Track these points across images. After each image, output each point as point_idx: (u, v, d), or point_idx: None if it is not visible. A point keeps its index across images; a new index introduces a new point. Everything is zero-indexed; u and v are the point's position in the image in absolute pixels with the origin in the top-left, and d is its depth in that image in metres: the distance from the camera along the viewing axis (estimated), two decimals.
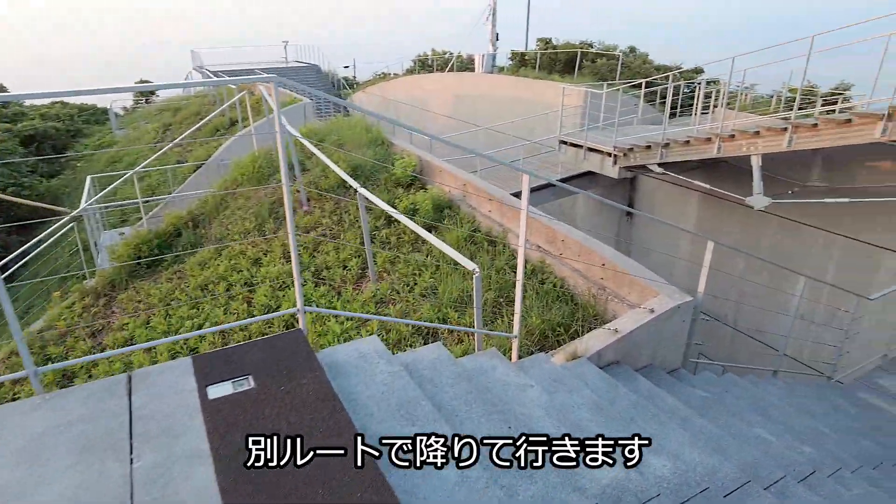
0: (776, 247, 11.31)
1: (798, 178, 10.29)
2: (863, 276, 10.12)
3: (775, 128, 8.63)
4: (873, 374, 7.43)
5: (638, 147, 10.93)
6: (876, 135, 7.54)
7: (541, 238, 6.31)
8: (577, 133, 13.17)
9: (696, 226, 12.76)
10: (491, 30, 23.68)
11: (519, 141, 15.06)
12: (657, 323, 4.63)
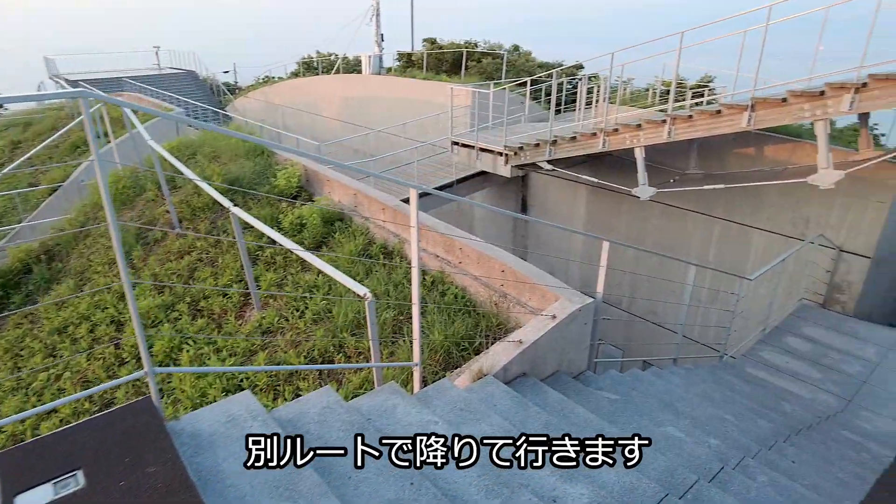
0: (662, 232, 11.86)
1: (678, 166, 10.82)
2: (739, 254, 10.84)
3: (655, 120, 8.94)
4: (756, 348, 7.88)
5: (528, 145, 10.99)
6: (743, 124, 7.99)
7: (439, 247, 6.01)
8: (469, 133, 13.09)
9: (587, 217, 13.13)
10: (375, 30, 23.18)
11: (413, 143, 14.77)
12: (560, 329, 4.46)
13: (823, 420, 5.87)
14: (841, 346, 7.94)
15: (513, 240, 15.28)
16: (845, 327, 8.59)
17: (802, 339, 8.10)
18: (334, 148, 19.42)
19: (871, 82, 6.84)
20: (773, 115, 7.73)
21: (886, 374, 7.30)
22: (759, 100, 7.76)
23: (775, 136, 9.80)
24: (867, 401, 6.78)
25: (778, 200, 10.00)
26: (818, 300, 9.73)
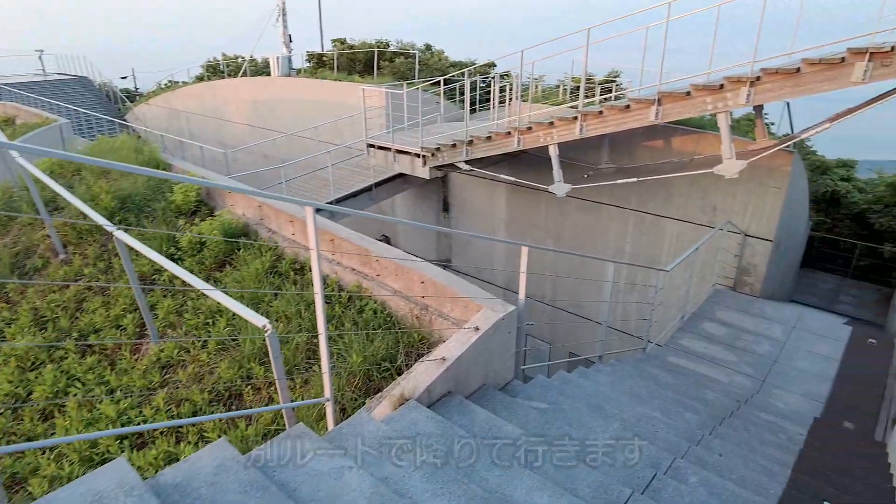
0: (580, 226, 12.03)
1: (591, 162, 10.96)
2: (653, 243, 11.16)
3: (567, 117, 8.96)
4: (676, 336, 8.06)
5: (444, 146, 10.77)
6: (651, 117, 8.13)
7: (354, 260, 5.64)
8: (385, 135, 12.72)
9: (508, 214, 13.12)
10: (283, 31, 22.23)
11: (328, 146, 14.21)
12: (484, 341, 4.24)
13: (742, 404, 6.02)
14: (752, 327, 8.28)
15: (437, 240, 15.09)
16: (754, 308, 8.99)
17: (717, 323, 8.37)
18: (243, 154, 18.45)
19: (764, 76, 7.12)
20: (679, 109, 7.92)
21: (792, 352, 7.67)
22: (665, 94, 7.91)
23: (681, 129, 10.12)
24: (778, 379, 7.07)
25: (687, 190, 10.34)
26: (729, 284, 10.16)
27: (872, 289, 13.75)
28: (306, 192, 13.12)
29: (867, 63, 6.39)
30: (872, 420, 6.54)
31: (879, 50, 6.29)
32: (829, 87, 6.72)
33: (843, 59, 6.54)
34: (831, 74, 6.67)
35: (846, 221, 14.27)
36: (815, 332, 8.21)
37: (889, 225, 13.05)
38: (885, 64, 6.33)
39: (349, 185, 13.03)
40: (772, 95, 7.17)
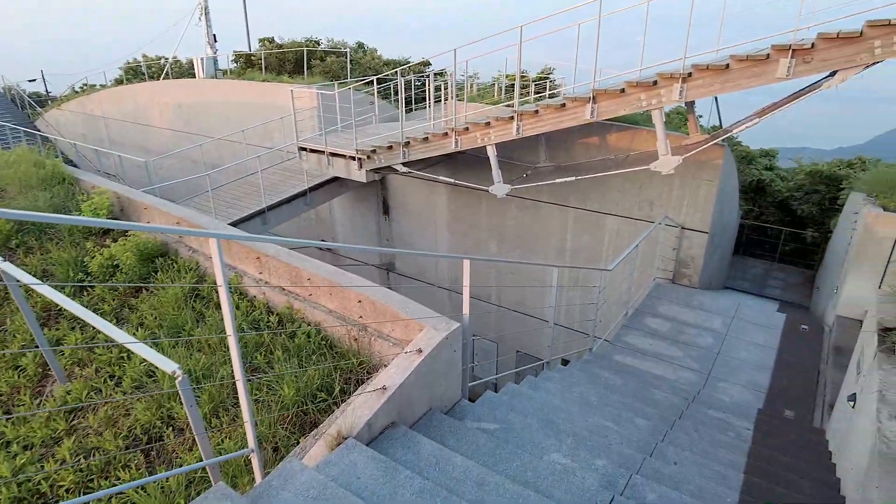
0: (521, 224, 11.93)
1: (529, 160, 10.85)
2: (594, 239, 11.19)
3: (503, 117, 8.77)
4: (622, 334, 8.04)
5: (380, 148, 10.38)
6: (587, 115, 8.05)
7: (284, 279, 5.21)
8: (317, 137, 12.19)
9: (449, 215, 12.88)
10: (206, 30, 21.11)
11: (257, 150, 13.51)
12: (428, 363, 3.94)
13: (691, 402, 6.00)
14: (693, 320, 8.37)
15: (378, 244, 14.66)
16: (694, 301, 9.12)
17: (661, 318, 8.42)
18: (169, 161, 17.35)
19: (695, 72, 7.14)
20: (614, 106, 7.87)
21: (732, 343, 7.78)
22: (600, 91, 7.84)
23: (616, 125, 10.14)
24: (721, 371, 7.13)
25: (624, 186, 10.40)
26: (668, 277, 10.30)
27: (797, 272, 14.37)
28: (236, 199, 12.42)
29: (790, 60, 6.49)
30: (810, 407, 6.69)
31: (801, 47, 6.40)
32: (757, 83, 6.81)
33: (768, 56, 6.63)
34: (758, 70, 6.76)
35: (771, 209, 14.86)
36: (752, 322, 8.39)
37: (810, 211, 13.66)
38: (807, 60, 6.45)
39: (282, 191, 12.42)
40: (703, 91, 7.21)
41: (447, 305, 13.84)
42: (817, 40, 6.32)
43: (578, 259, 11.55)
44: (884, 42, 6.04)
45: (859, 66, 6.26)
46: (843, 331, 7.66)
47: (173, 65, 26.93)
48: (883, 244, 7.40)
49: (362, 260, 15.09)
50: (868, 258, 7.53)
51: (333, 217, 15.25)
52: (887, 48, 6.04)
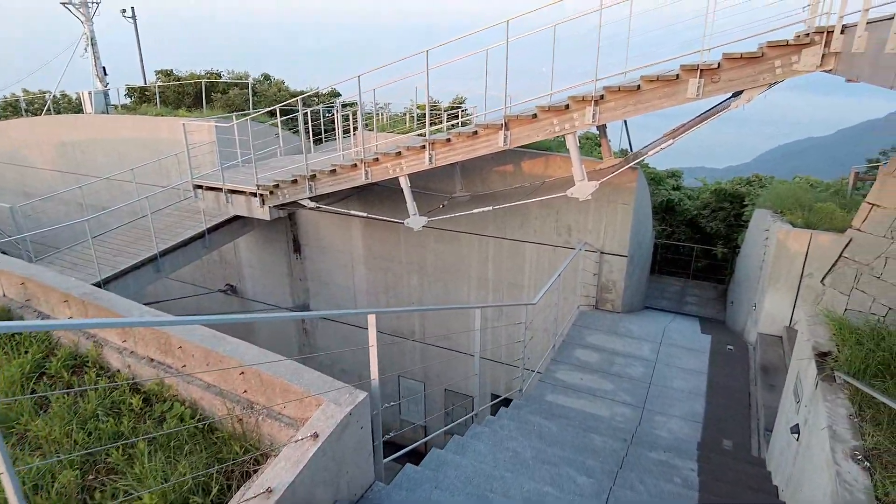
0: (441, 256, 11.34)
1: (446, 191, 10.34)
2: (515, 268, 10.77)
3: (415, 147, 8.19)
4: (551, 369, 7.53)
5: (284, 183, 9.50)
6: (500, 143, 7.62)
7: (151, 347, 4.23)
8: (217, 173, 11.11)
9: (365, 250, 12.09)
10: (94, 63, 19.40)
11: (152, 190, 12.18)
12: (327, 450, 3.15)
13: (630, 444, 5.50)
14: (622, 349, 8.02)
15: (291, 283, 13.57)
16: (620, 327, 8.81)
17: (589, 349, 8.00)
18: (51, 205, 15.52)
19: (607, 94, 6.90)
20: (527, 132, 7.49)
21: (663, 371, 7.47)
22: (511, 118, 7.45)
23: (529, 152, 9.85)
24: (656, 403, 6.75)
25: (541, 213, 10.09)
26: (591, 303, 10.01)
27: (710, 287, 14.70)
28: (126, 244, 11.02)
29: (699, 80, 6.36)
30: (746, 433, 6.41)
31: (708, 67, 6.28)
32: (668, 104, 6.64)
33: (678, 77, 6.48)
34: (668, 91, 6.59)
35: (682, 227, 15.20)
36: (679, 346, 8.16)
37: (718, 228, 14.03)
38: (714, 80, 6.34)
39: (178, 233, 11.17)
40: (616, 114, 6.97)
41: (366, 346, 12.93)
42: (723, 61, 6.22)
43: (501, 288, 11.08)
44: (783, 62, 6.01)
45: (763, 86, 6.21)
46: (767, 348, 7.55)
47: (60, 100, 24.66)
48: (795, 260, 7.39)
49: (273, 303, 13.93)
50: (783, 275, 7.50)
51: (240, 258, 14.03)
52: (787, 67, 6.01)
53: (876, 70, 4.29)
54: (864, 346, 4.34)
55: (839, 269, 7.20)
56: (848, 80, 6.23)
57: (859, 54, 4.81)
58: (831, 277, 7.27)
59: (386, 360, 13.03)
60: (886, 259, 6.80)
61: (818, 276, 7.31)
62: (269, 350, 3.97)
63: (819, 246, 7.20)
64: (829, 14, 5.78)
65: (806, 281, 7.39)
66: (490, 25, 7.09)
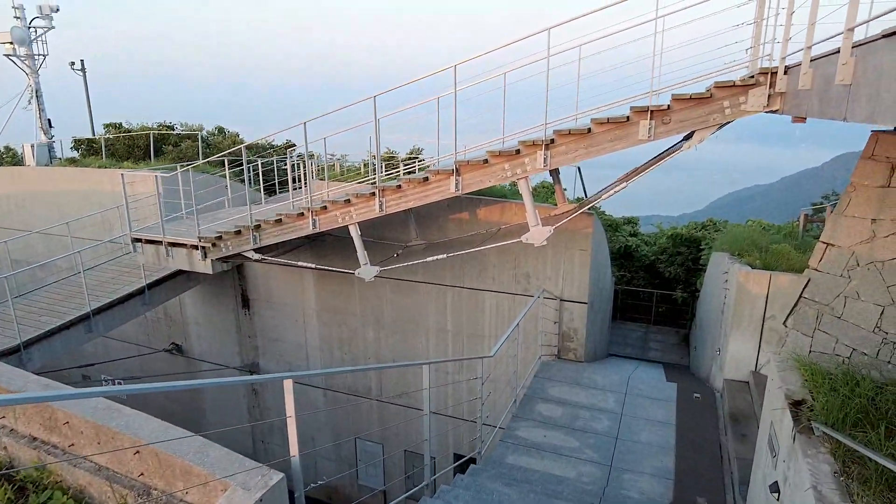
0: (398, 308, 10.81)
1: (401, 239, 9.94)
2: (474, 318, 10.31)
3: (364, 194, 7.81)
4: (512, 427, 6.99)
5: (227, 234, 8.94)
6: (451, 189, 7.31)
7: (35, 424, 3.56)
8: (159, 226, 10.46)
9: (318, 304, 11.46)
10: (38, 115, 18.73)
11: (89, 244, 11.38)
12: None
13: None
14: (586, 401, 7.56)
15: (239, 340, 12.74)
16: (583, 378, 8.38)
17: (552, 403, 7.51)
18: None
19: (558, 138, 6.71)
20: (479, 178, 7.21)
21: (630, 424, 7.02)
22: (462, 163, 7.18)
23: (484, 199, 9.61)
24: (625, 460, 6.26)
25: (499, 260, 9.76)
26: (553, 353, 9.59)
27: (672, 332, 14.52)
28: (57, 302, 10.13)
29: (650, 121, 6.24)
30: (720, 488, 5.95)
31: (659, 109, 6.17)
32: (620, 146, 6.48)
33: (629, 119, 6.35)
34: (620, 133, 6.44)
35: (641, 273, 15.12)
36: (645, 396, 7.76)
37: (676, 272, 13.98)
38: (665, 122, 6.23)
39: (115, 290, 10.37)
40: (568, 158, 6.77)
41: (321, 407, 12.13)
42: (672, 102, 6.13)
43: (461, 339, 10.57)
44: (731, 102, 5.94)
45: (713, 126, 6.11)
46: (735, 395, 7.21)
47: (4, 153, 23.65)
48: (756, 303, 7.18)
49: (221, 362, 13.02)
50: (745, 318, 7.26)
51: (185, 314, 13.16)
52: (735, 108, 5.94)
53: (825, 104, 4.16)
54: (839, 393, 4.02)
55: (800, 310, 7.01)
56: (794, 119, 6.21)
57: (805, 91, 4.72)
58: (793, 319, 7.07)
59: (342, 422, 12.20)
60: (845, 298, 6.65)
61: (780, 317, 7.10)
62: (220, 411, 3.37)
63: (779, 287, 7.02)
64: (771, 57, 5.79)
65: (769, 323, 7.17)
66: (437, 71, 6.90)
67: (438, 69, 6.90)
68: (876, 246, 6.42)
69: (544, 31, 6.15)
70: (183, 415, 14.34)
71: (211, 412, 13.88)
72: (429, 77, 7.07)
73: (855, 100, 3.49)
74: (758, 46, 6.01)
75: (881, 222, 6.38)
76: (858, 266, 6.53)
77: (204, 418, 14.01)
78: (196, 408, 13.98)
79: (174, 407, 14.51)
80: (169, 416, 3.31)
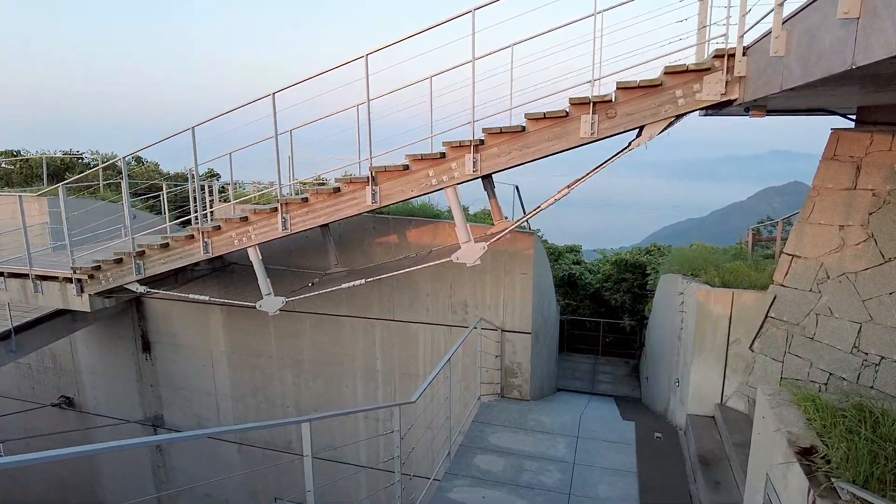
0: (319, 347, 9.32)
1: (319, 267, 8.57)
2: (407, 354, 8.95)
3: (263, 210, 6.47)
4: (444, 487, 5.62)
5: (107, 263, 7.34)
6: (367, 201, 6.09)
7: None
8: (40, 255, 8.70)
9: (228, 344, 9.82)
10: None
11: None
12: None
13: None
14: (533, 449, 6.29)
15: (139, 390, 10.82)
16: (529, 420, 7.13)
17: (493, 454, 6.20)
18: None
19: (488, 138, 5.65)
20: (399, 187, 6.03)
21: (585, 475, 5.79)
22: (379, 170, 5.99)
23: (416, 220, 8.45)
24: None
25: (433, 289, 8.53)
26: (496, 391, 8.33)
27: (622, 363, 13.59)
28: None
29: (592, 116, 5.26)
30: None
31: (602, 100, 5.21)
32: (560, 146, 5.46)
33: (568, 113, 5.37)
34: (558, 131, 5.43)
35: (586, 301, 14.22)
36: (601, 439, 6.57)
37: (622, 300, 13.13)
38: (610, 115, 5.26)
39: None
40: (501, 161, 5.69)
41: (235, 463, 10.33)
42: (618, 92, 5.18)
43: (393, 380, 9.16)
44: (685, 91, 5.04)
45: (666, 120, 5.18)
46: (701, 434, 6.13)
47: None
48: (719, 325, 6.21)
49: (120, 416, 11.04)
50: (707, 343, 6.27)
51: (78, 361, 11.16)
52: (689, 97, 5.04)
53: (813, 62, 3.23)
54: (860, 436, 2.94)
55: (767, 331, 6.08)
56: (753, 113, 5.39)
57: (777, 60, 3.81)
58: (760, 342, 6.12)
59: (259, 482, 10.40)
60: (817, 316, 5.75)
61: (746, 341, 6.14)
62: (119, 477, 1.91)
63: (743, 306, 6.08)
64: (726, 37, 4.95)
65: (734, 348, 6.19)
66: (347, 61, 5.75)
67: (347, 60, 5.76)
68: (846, 255, 5.58)
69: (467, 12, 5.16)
70: (75, 482, 12.11)
71: (108, 478, 11.74)
72: (342, 68, 5.91)
73: (868, 34, 2.52)
74: (706, 28, 5.19)
75: (850, 229, 5.57)
76: (829, 279, 5.67)
77: (100, 484, 11.84)
78: (91, 471, 11.81)
79: (65, 473, 12.24)
80: (61, 485, 1.90)
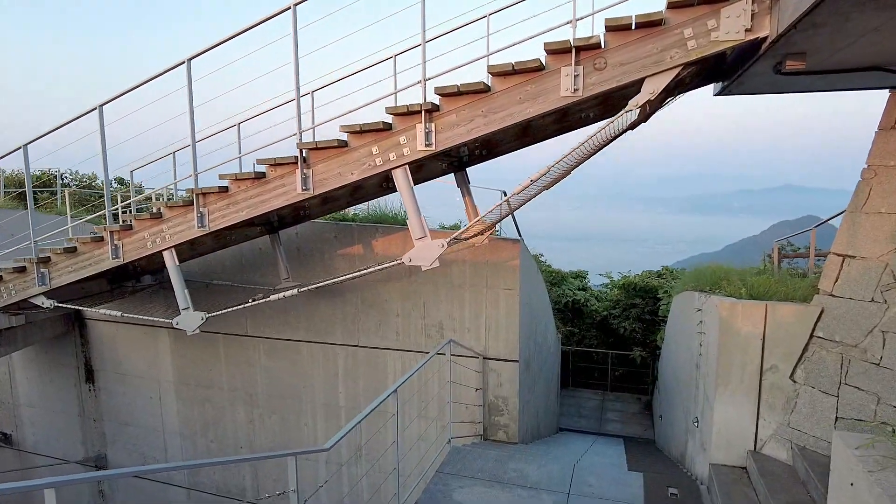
0: (275, 376, 7.91)
1: (270, 283, 7.27)
2: (373, 386, 7.50)
3: (178, 204, 5.22)
4: None
5: (6, 272, 6.11)
6: (299, 189, 4.80)
7: None
8: None
9: (177, 372, 8.45)
10: None
11: None
12: None
13: None
14: None
15: (82, 425, 9.43)
16: (509, 470, 5.58)
17: None
18: None
19: (443, 101, 4.38)
20: (337, 169, 4.74)
21: None
22: (310, 147, 4.73)
23: (382, 227, 7.15)
24: None
25: (403, 309, 7.14)
26: (478, 432, 6.81)
27: (632, 399, 11.93)
28: None
29: (575, 67, 3.97)
30: None
31: (587, 44, 3.93)
32: (536, 109, 4.15)
33: (543, 65, 4.08)
34: (533, 90, 4.13)
35: (592, 331, 12.66)
36: (598, 497, 5.00)
37: (632, 327, 11.56)
38: (598, 66, 3.96)
39: None
40: (461, 132, 4.39)
41: None
42: (607, 35, 3.90)
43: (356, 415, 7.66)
44: (696, 29, 3.73)
45: (671, 69, 3.86)
46: (729, 491, 4.56)
47: None
48: (749, 347, 4.71)
49: (59, 456, 9.63)
50: (734, 371, 4.77)
51: (16, 394, 9.84)
52: (702, 38, 3.73)
53: None
54: None
55: (814, 355, 4.57)
56: (790, 62, 4.06)
57: None
58: (805, 370, 4.60)
59: None
60: (884, 334, 4.25)
61: (785, 368, 4.63)
62: None
63: (780, 323, 4.60)
64: None
65: (769, 378, 4.68)
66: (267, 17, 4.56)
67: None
68: None
69: None
70: None
71: None
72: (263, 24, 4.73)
73: None
74: None
75: None
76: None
77: None
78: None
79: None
80: None
